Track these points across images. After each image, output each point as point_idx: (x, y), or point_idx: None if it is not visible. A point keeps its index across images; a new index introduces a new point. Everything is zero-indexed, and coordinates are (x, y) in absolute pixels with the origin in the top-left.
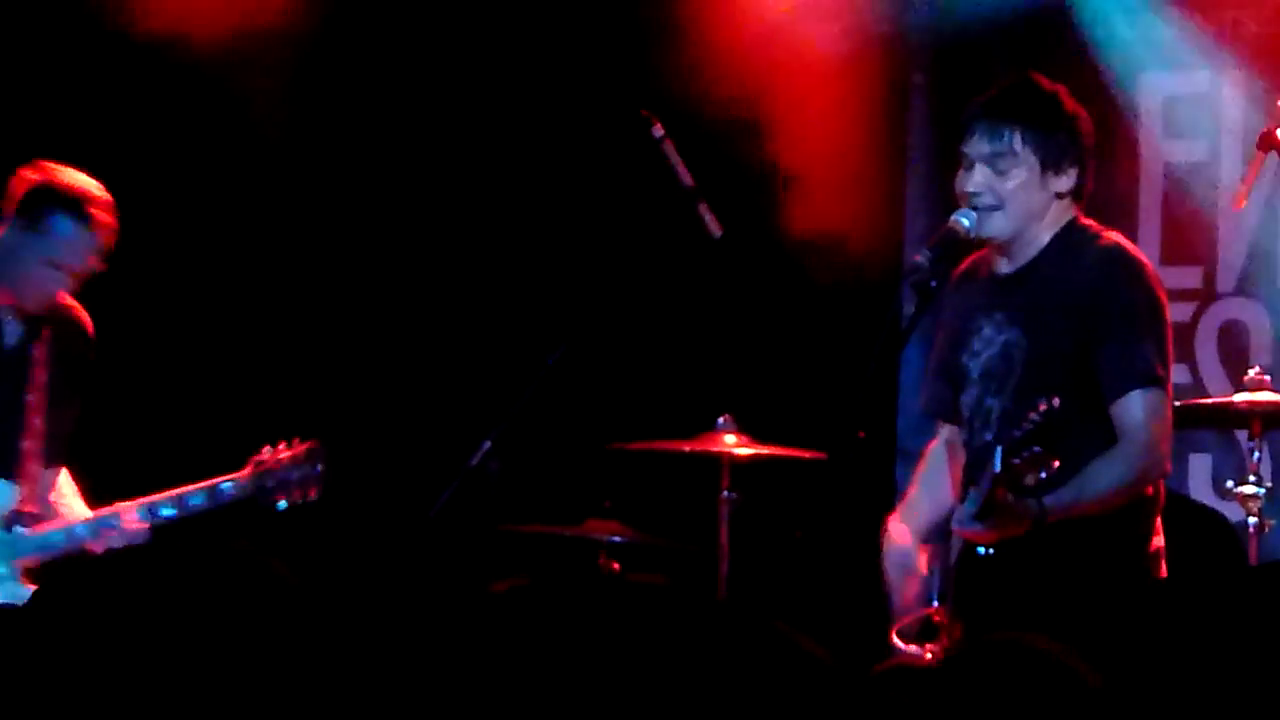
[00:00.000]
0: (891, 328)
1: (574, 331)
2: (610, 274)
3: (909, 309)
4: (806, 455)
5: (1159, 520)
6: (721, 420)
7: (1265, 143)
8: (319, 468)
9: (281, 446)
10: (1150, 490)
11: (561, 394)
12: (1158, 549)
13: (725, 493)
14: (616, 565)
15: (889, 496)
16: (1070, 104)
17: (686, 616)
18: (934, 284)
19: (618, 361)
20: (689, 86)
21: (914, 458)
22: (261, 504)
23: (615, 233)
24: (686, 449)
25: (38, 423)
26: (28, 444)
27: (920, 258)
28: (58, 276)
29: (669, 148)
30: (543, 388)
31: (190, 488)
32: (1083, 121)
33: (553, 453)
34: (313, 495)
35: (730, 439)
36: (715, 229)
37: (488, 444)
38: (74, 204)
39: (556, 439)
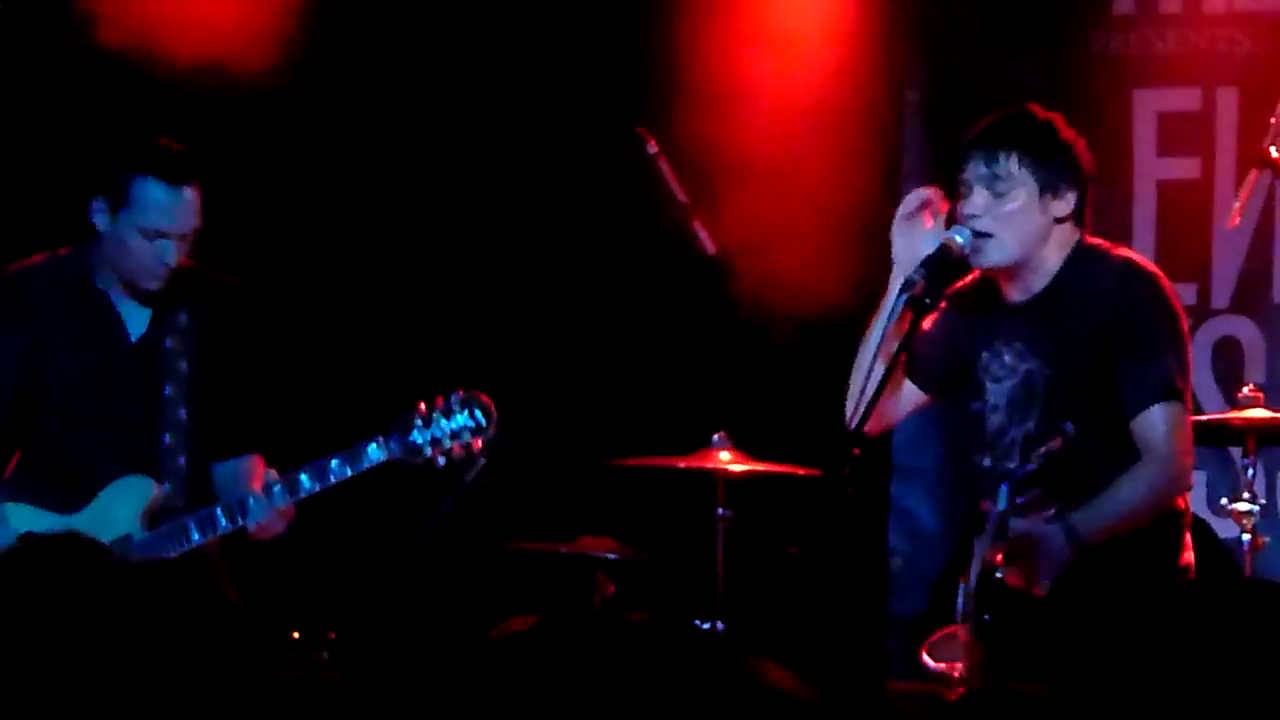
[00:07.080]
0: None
1: (568, 347)
2: (605, 290)
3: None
4: (802, 472)
5: (1188, 535)
6: (716, 437)
7: (1258, 160)
8: (479, 417)
9: (438, 401)
10: (1181, 504)
11: (557, 410)
12: (1187, 564)
13: (720, 509)
14: (611, 586)
15: (884, 513)
16: (1066, 130)
17: (679, 655)
18: (928, 300)
19: (613, 378)
20: (681, 105)
21: (909, 474)
22: (416, 465)
23: (610, 249)
24: (681, 466)
25: (181, 416)
26: (169, 439)
27: (915, 274)
28: (162, 246)
29: (663, 165)
30: (537, 405)
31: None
32: (1079, 147)
33: (548, 469)
34: (477, 448)
35: (725, 456)
36: (710, 246)
37: (482, 460)
38: (154, 164)
39: (552, 455)
